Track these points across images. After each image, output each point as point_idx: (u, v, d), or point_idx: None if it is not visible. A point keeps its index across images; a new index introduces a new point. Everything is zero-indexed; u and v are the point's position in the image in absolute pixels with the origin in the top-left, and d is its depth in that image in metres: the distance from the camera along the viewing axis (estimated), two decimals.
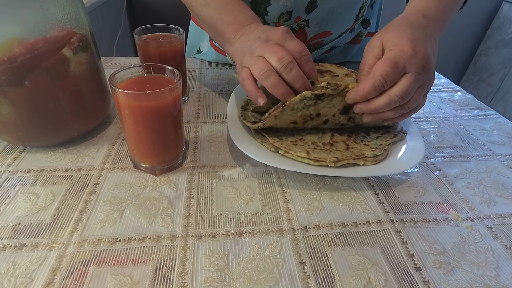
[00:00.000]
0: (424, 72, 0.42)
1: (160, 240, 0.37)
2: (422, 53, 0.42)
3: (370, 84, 0.42)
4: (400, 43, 0.42)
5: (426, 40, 0.44)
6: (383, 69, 0.42)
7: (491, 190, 0.48)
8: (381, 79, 0.42)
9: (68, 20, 0.44)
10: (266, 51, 0.44)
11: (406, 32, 0.44)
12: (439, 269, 0.36)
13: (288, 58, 0.43)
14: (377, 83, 0.42)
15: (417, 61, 0.42)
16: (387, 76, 0.42)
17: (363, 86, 0.43)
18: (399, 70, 0.42)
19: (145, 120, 0.41)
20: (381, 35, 0.46)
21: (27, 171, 0.45)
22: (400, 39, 0.43)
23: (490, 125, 0.64)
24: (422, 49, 0.42)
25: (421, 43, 0.43)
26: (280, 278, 0.34)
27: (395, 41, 0.43)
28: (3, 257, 0.34)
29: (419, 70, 0.42)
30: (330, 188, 0.46)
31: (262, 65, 0.43)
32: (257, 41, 0.45)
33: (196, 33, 0.83)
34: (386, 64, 0.42)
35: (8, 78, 0.41)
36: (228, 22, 0.51)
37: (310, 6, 0.64)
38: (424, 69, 0.42)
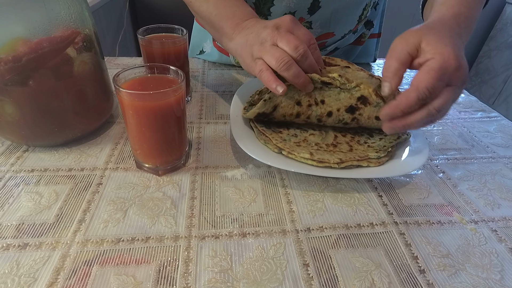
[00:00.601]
0: (463, 86, 0.40)
1: (163, 241, 0.37)
2: (465, 66, 0.39)
3: (414, 97, 0.39)
4: (446, 53, 0.39)
5: (462, 49, 0.41)
6: (429, 81, 0.38)
7: (495, 193, 0.48)
8: (426, 92, 0.38)
9: (73, 20, 0.45)
10: (279, 39, 0.43)
11: (450, 40, 0.40)
12: (443, 271, 0.36)
13: (303, 47, 0.43)
14: (421, 96, 0.39)
15: (460, 74, 0.39)
16: (433, 89, 0.38)
17: (406, 100, 0.40)
18: (443, 83, 0.39)
19: (148, 120, 0.41)
20: (420, 34, 0.42)
21: (30, 171, 0.45)
22: (445, 47, 0.39)
23: (494, 127, 0.64)
24: (464, 62, 0.40)
25: (462, 55, 0.40)
26: (284, 279, 0.34)
27: (440, 49, 0.39)
28: (7, 257, 0.34)
29: (460, 84, 0.40)
30: (333, 190, 0.46)
31: (281, 55, 0.42)
32: (265, 29, 0.44)
33: (199, 34, 0.84)
34: (432, 76, 0.38)
35: (12, 77, 0.41)
36: (227, 17, 0.50)
37: (313, 7, 0.64)
38: (464, 83, 0.40)
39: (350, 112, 0.48)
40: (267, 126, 0.50)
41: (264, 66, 0.44)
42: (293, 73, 0.43)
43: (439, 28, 0.43)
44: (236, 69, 0.80)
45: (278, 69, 0.43)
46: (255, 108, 0.48)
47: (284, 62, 0.42)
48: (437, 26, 0.44)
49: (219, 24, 0.50)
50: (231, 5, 0.51)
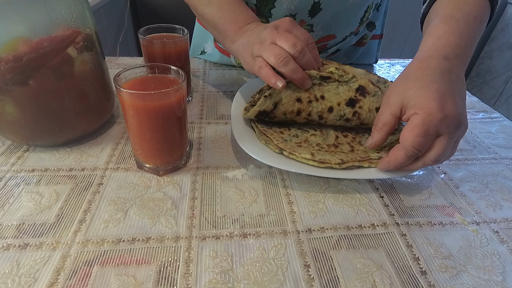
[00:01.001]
0: (458, 129, 0.40)
1: (164, 241, 0.37)
2: (453, 113, 0.38)
3: (403, 155, 0.40)
4: (426, 106, 0.39)
5: (453, 90, 0.40)
6: (413, 139, 0.39)
7: (497, 194, 0.47)
8: (413, 150, 0.39)
9: (74, 20, 0.44)
10: (278, 37, 0.44)
11: (430, 89, 0.40)
12: (445, 273, 0.36)
13: (301, 44, 0.44)
14: (409, 154, 0.40)
15: (449, 122, 0.38)
16: (419, 146, 0.39)
17: (396, 158, 0.41)
18: (431, 136, 0.39)
19: (149, 120, 0.41)
20: (400, 92, 0.42)
21: (31, 171, 0.45)
22: (426, 101, 0.39)
23: (496, 128, 0.63)
24: (452, 107, 0.39)
25: (450, 100, 0.39)
26: (285, 280, 0.34)
27: (420, 103, 0.39)
28: (7, 257, 0.34)
29: (452, 130, 0.39)
30: (335, 190, 0.46)
31: (279, 51, 0.43)
32: (265, 29, 0.46)
33: (200, 34, 0.83)
34: (416, 134, 0.38)
35: (13, 77, 0.41)
36: (231, 20, 0.51)
37: (314, 9, 0.64)
38: (458, 127, 0.39)
39: (350, 106, 0.49)
40: (268, 126, 0.50)
41: (263, 63, 0.45)
42: (290, 68, 0.44)
43: (420, 75, 0.42)
44: (237, 69, 0.80)
45: (276, 65, 0.44)
46: (256, 106, 0.48)
47: (281, 58, 0.43)
48: (418, 73, 0.42)
49: (223, 27, 0.51)
50: (235, 9, 0.52)
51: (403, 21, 2.23)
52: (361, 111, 0.49)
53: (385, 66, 0.88)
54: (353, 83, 0.49)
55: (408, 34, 2.35)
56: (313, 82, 0.48)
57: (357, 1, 0.64)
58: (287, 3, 0.62)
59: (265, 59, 0.45)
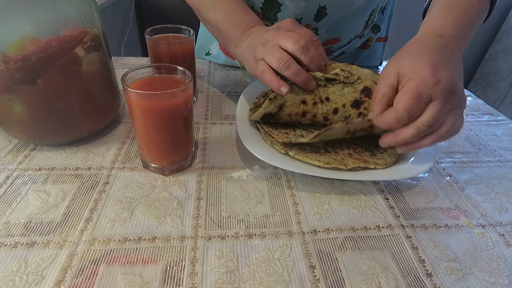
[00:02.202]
0: (452, 97, 0.39)
1: (170, 241, 0.37)
2: (446, 78, 0.39)
3: (393, 118, 0.40)
4: (420, 71, 0.39)
5: (447, 62, 0.41)
6: (405, 101, 0.39)
7: (503, 197, 0.47)
8: (404, 113, 0.39)
9: (82, 20, 0.45)
10: (280, 38, 0.44)
11: (424, 58, 0.40)
12: (451, 275, 0.36)
13: (304, 40, 0.43)
14: (400, 117, 0.39)
15: (442, 87, 0.38)
16: (410, 109, 0.39)
17: (386, 119, 0.41)
18: (423, 100, 0.39)
19: (156, 120, 0.41)
20: (396, 63, 0.42)
21: (38, 169, 0.46)
22: (419, 67, 0.39)
23: (501, 130, 0.63)
24: (445, 73, 0.39)
25: (443, 67, 0.39)
26: (290, 281, 0.34)
27: (414, 70, 0.40)
28: (15, 254, 0.35)
29: (445, 96, 0.39)
30: (340, 192, 0.46)
31: (281, 54, 0.43)
32: (268, 32, 0.46)
33: (205, 36, 0.84)
34: (408, 96, 0.38)
35: (21, 76, 0.41)
36: (234, 25, 0.51)
37: (320, 14, 0.64)
38: (451, 93, 0.39)
39: (355, 107, 0.49)
40: (273, 127, 0.50)
41: (266, 67, 0.45)
42: (293, 71, 0.44)
43: (415, 48, 0.43)
44: (242, 70, 0.80)
45: (278, 68, 0.44)
46: (261, 108, 0.48)
47: (283, 61, 0.43)
48: (414, 47, 0.43)
49: (227, 31, 0.51)
50: (239, 13, 0.52)
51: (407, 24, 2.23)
52: (366, 112, 0.49)
53: None
54: (358, 85, 0.49)
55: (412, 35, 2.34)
56: (318, 83, 0.48)
57: (362, 5, 0.64)
58: (293, 7, 0.62)
59: (267, 62, 0.45)
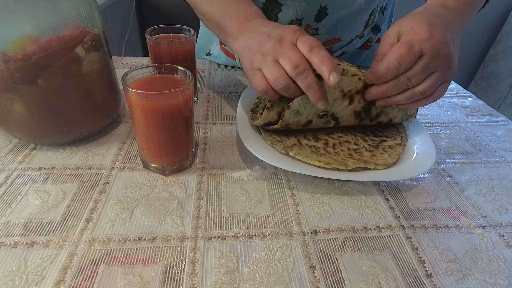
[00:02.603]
0: (440, 57, 0.42)
1: (170, 241, 0.37)
2: (439, 36, 0.41)
3: (383, 67, 0.42)
4: (416, 28, 0.42)
5: (445, 27, 0.43)
6: (396, 50, 0.41)
7: (503, 198, 0.47)
8: (394, 61, 0.41)
9: (82, 19, 0.45)
10: (281, 55, 0.41)
11: (423, 18, 0.43)
12: (451, 276, 0.36)
13: (304, 66, 0.41)
14: (390, 65, 0.42)
15: (433, 44, 0.41)
16: (400, 58, 0.41)
17: (377, 69, 0.43)
18: (414, 52, 0.41)
19: (156, 120, 0.41)
20: (397, 24, 0.45)
21: (38, 169, 0.46)
22: (416, 24, 0.43)
23: (502, 131, 0.63)
24: (438, 33, 0.42)
25: (438, 28, 0.42)
26: (290, 281, 0.34)
27: (411, 27, 0.43)
28: (15, 254, 0.34)
29: (433, 54, 0.41)
30: (340, 192, 0.46)
31: (280, 75, 0.41)
32: (269, 40, 0.43)
33: (206, 36, 0.84)
34: (400, 46, 0.41)
35: (22, 76, 0.41)
36: (231, 17, 0.50)
37: (320, 14, 0.64)
38: (440, 53, 0.41)
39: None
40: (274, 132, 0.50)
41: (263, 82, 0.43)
42: (290, 93, 0.43)
43: (416, 12, 0.47)
44: (242, 70, 0.80)
45: (275, 87, 0.42)
46: (260, 119, 0.48)
47: (281, 84, 0.42)
48: (417, 11, 0.47)
49: (224, 24, 0.50)
50: (236, 5, 0.51)
51: None
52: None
53: None
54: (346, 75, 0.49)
55: None
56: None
57: (362, 5, 0.64)
58: (294, 8, 0.62)
59: (264, 75, 0.43)
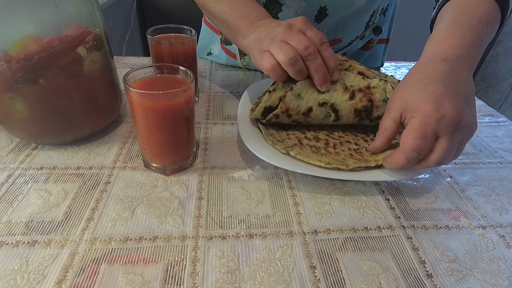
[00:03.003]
0: (459, 130, 0.39)
1: (171, 240, 0.37)
2: (450, 113, 0.38)
3: (403, 158, 0.40)
4: (422, 109, 0.39)
5: (452, 92, 0.40)
6: (412, 142, 0.39)
7: (504, 198, 0.47)
8: (413, 153, 0.39)
9: (84, 19, 0.45)
10: (291, 38, 0.43)
11: (426, 92, 0.40)
12: (451, 276, 0.36)
13: (314, 48, 0.43)
14: (409, 157, 0.40)
15: (446, 123, 0.38)
16: (418, 148, 0.39)
17: (396, 161, 0.41)
18: (430, 138, 0.38)
19: (158, 120, 0.42)
20: (399, 97, 0.42)
21: (39, 168, 0.46)
22: (422, 104, 0.39)
23: (502, 132, 0.63)
24: (448, 107, 0.38)
25: (446, 101, 0.39)
26: (291, 281, 0.34)
27: (416, 106, 0.39)
28: (16, 253, 0.35)
29: (452, 131, 0.38)
30: (341, 192, 0.46)
31: (289, 50, 0.43)
32: (278, 27, 0.45)
33: (207, 36, 0.84)
34: (414, 136, 0.38)
35: (23, 75, 0.42)
36: (242, 17, 0.51)
37: (320, 15, 0.64)
38: (458, 127, 0.38)
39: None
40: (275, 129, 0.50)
41: (271, 60, 0.44)
42: (297, 69, 0.44)
43: (416, 80, 0.42)
44: (243, 70, 0.80)
45: (283, 62, 0.43)
46: (261, 103, 0.48)
47: (290, 56, 0.43)
48: (414, 78, 0.43)
49: (234, 23, 0.51)
50: (245, 6, 0.52)
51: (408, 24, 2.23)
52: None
53: (391, 69, 0.88)
54: (352, 71, 0.50)
55: (413, 37, 2.35)
56: None
57: (362, 6, 0.64)
58: (294, 7, 0.63)
59: (273, 54, 0.44)
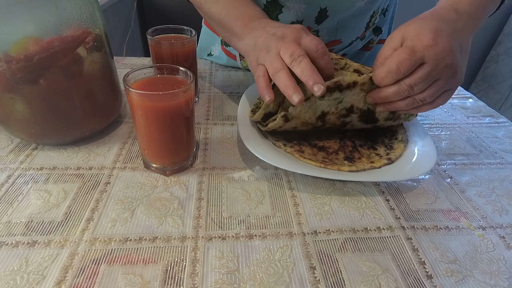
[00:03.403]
0: (443, 66, 0.41)
1: (171, 241, 0.37)
2: (444, 44, 0.40)
3: (384, 71, 0.42)
4: (421, 34, 0.41)
5: (452, 34, 0.42)
6: (398, 55, 0.41)
7: (504, 199, 0.47)
8: (394, 66, 0.41)
9: (84, 20, 0.45)
10: (282, 48, 0.43)
11: (430, 24, 0.42)
12: (451, 277, 0.36)
13: (299, 52, 0.42)
14: (390, 69, 0.41)
15: (437, 52, 0.40)
16: (401, 63, 0.40)
17: (378, 72, 0.43)
18: (416, 59, 0.40)
19: (158, 120, 0.42)
20: (403, 27, 0.44)
21: (39, 169, 0.46)
22: (422, 30, 0.41)
23: (502, 133, 0.63)
24: (444, 40, 0.40)
25: (444, 36, 0.41)
26: (290, 282, 0.34)
27: (416, 32, 0.42)
28: (16, 253, 0.35)
29: (437, 62, 0.40)
30: (340, 193, 0.46)
31: (277, 64, 0.43)
32: (273, 38, 0.45)
33: (208, 37, 0.84)
34: (401, 51, 0.41)
35: (24, 76, 0.42)
36: (237, 17, 0.51)
37: (321, 16, 0.64)
38: (443, 61, 0.40)
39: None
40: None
41: (262, 73, 0.44)
42: (283, 82, 0.42)
43: (424, 16, 0.44)
44: (243, 70, 0.80)
45: (270, 75, 0.43)
46: (261, 109, 0.48)
47: (277, 69, 0.42)
48: (425, 15, 0.45)
49: (229, 24, 0.51)
50: (241, 6, 0.51)
51: None
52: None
53: None
54: (347, 69, 0.50)
55: None
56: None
57: (362, 7, 0.64)
58: (294, 9, 0.63)
59: (267, 68, 0.44)
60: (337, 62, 0.53)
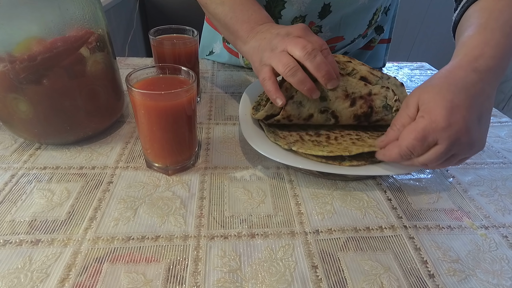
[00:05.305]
0: (458, 144, 0.38)
1: (173, 240, 0.38)
2: (459, 125, 0.37)
3: (396, 153, 0.41)
4: (434, 112, 0.38)
5: (470, 104, 0.38)
6: (409, 141, 0.39)
7: (506, 199, 0.47)
8: (407, 151, 0.39)
9: (87, 20, 0.45)
10: (288, 44, 0.43)
11: (445, 97, 0.38)
12: (453, 276, 0.36)
13: (312, 46, 0.42)
14: (402, 153, 0.40)
15: (450, 134, 0.37)
16: (413, 148, 0.39)
17: (389, 153, 0.42)
18: (428, 143, 0.38)
19: (160, 120, 0.42)
20: (418, 94, 0.41)
21: (42, 168, 0.46)
22: (435, 108, 0.38)
23: (505, 132, 0.63)
24: (459, 120, 0.37)
25: (461, 112, 0.38)
26: (292, 281, 0.34)
27: (429, 108, 0.39)
28: (20, 252, 0.35)
29: (451, 143, 0.38)
30: (342, 192, 0.46)
31: (288, 60, 0.42)
32: (277, 36, 0.45)
33: (209, 35, 0.84)
34: (414, 137, 0.38)
35: (27, 76, 0.42)
36: (243, 21, 0.50)
37: (324, 11, 0.64)
38: (458, 141, 0.38)
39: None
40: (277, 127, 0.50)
41: (268, 75, 0.44)
42: (298, 79, 0.43)
43: (440, 83, 0.41)
44: (245, 70, 0.80)
45: (284, 74, 0.43)
46: (263, 111, 0.48)
47: (289, 67, 0.42)
48: (439, 80, 0.41)
49: (234, 27, 0.51)
50: (247, 9, 0.51)
51: (411, 24, 2.22)
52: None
53: (393, 69, 0.87)
54: (354, 76, 0.50)
55: (416, 37, 2.34)
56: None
57: (366, 4, 0.65)
58: (298, 4, 0.63)
59: (274, 67, 0.44)
60: (344, 66, 0.52)
